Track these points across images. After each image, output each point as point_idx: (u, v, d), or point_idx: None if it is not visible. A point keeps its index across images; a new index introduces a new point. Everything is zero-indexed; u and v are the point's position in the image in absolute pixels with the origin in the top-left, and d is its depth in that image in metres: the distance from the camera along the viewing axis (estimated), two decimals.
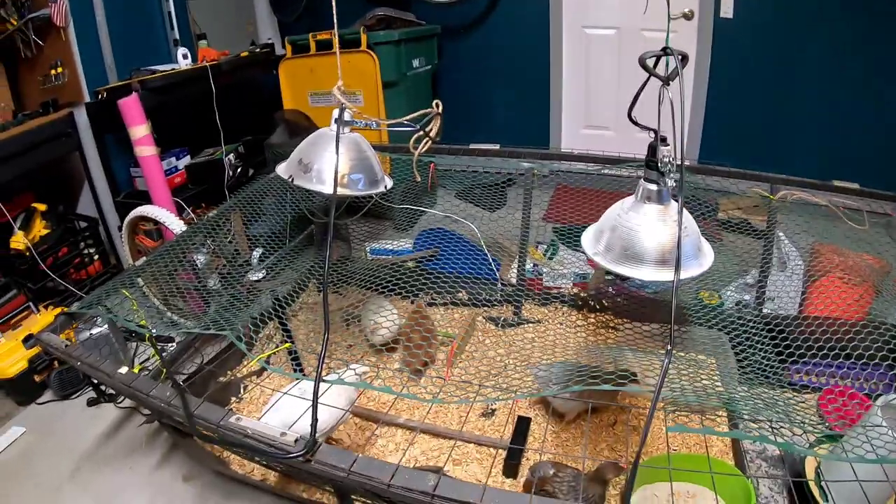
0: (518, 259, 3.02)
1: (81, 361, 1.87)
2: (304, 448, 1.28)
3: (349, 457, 1.27)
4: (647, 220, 1.36)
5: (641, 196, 1.40)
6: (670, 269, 1.32)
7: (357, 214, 2.45)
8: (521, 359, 2.48)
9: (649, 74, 1.32)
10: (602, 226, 1.46)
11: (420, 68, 4.58)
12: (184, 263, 2.55)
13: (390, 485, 1.17)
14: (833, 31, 4.19)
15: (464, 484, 1.16)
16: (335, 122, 1.78)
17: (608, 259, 1.40)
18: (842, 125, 4.40)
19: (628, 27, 4.65)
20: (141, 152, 3.48)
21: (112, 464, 2.62)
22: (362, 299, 2.79)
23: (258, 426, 1.36)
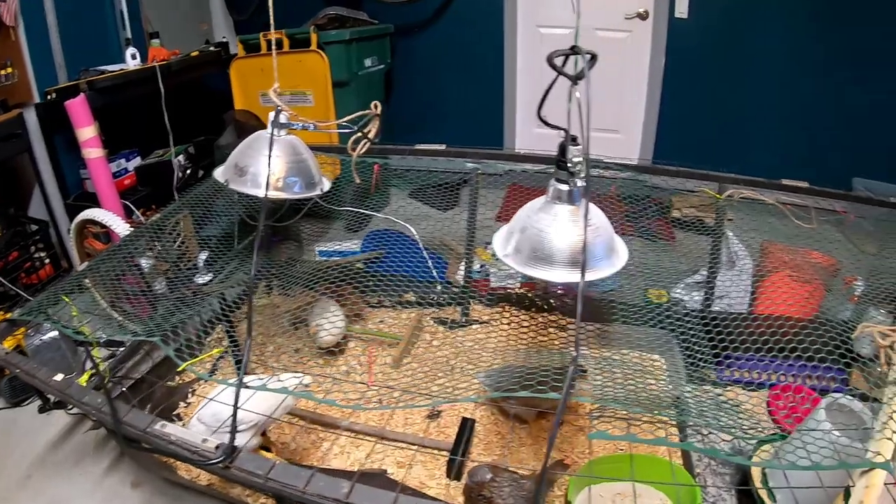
0: (465, 260, 3.03)
1: (20, 368, 1.85)
2: (221, 455, 1.28)
3: (266, 463, 1.27)
4: (557, 221, 1.34)
5: (552, 196, 1.38)
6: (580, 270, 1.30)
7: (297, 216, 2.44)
8: (469, 360, 2.49)
9: (557, 73, 1.31)
10: (512, 227, 1.45)
11: (372, 68, 4.57)
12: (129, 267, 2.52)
13: (305, 491, 1.17)
14: (785, 32, 4.27)
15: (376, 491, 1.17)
16: (271, 125, 1.78)
17: (518, 261, 1.38)
18: (795, 124, 4.48)
19: (583, 26, 4.59)
20: (88, 154, 3.45)
21: (62, 470, 2.60)
22: (311, 301, 2.78)
23: (182, 433, 1.35)
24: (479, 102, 5.26)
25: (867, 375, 2.21)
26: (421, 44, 5.18)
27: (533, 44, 4.94)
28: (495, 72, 5.10)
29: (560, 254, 1.32)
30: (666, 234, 3.33)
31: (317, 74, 4.05)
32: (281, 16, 4.20)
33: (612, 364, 2.20)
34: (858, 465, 1.35)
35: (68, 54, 3.94)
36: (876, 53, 4.11)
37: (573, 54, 1.29)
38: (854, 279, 2.82)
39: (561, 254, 1.32)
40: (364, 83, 4.44)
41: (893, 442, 1.37)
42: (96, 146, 3.45)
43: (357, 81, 4.33)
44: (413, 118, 5.30)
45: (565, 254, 1.31)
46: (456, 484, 2.23)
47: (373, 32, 4.56)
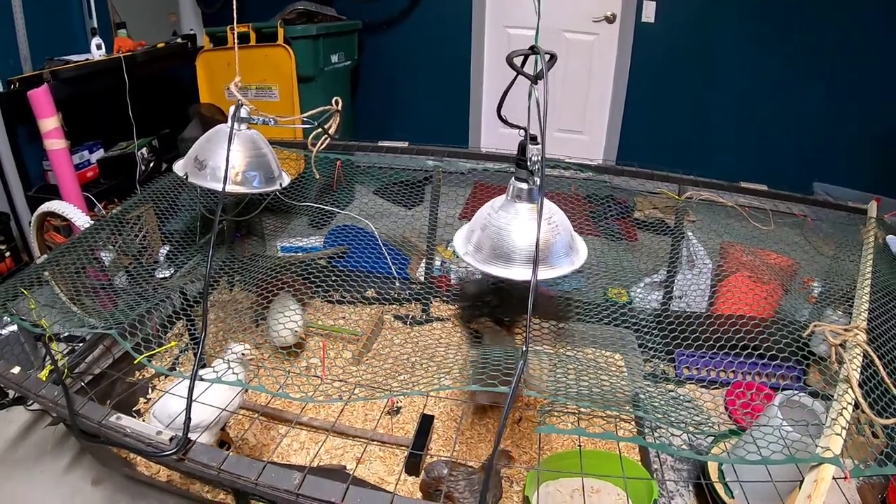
0: (426, 257, 3.04)
1: None
2: (175, 447, 1.29)
3: (219, 455, 1.27)
4: (517, 219, 1.36)
5: (512, 195, 1.39)
6: (543, 267, 1.32)
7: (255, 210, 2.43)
8: (429, 357, 2.50)
9: (517, 73, 1.33)
10: (473, 225, 1.45)
11: (339, 63, 4.57)
12: (90, 260, 2.50)
13: (257, 483, 1.18)
14: (748, 39, 4.34)
15: (327, 483, 1.18)
16: (231, 119, 1.78)
17: (478, 259, 1.39)
18: (757, 128, 4.55)
19: (550, 28, 4.70)
20: (50, 146, 3.41)
21: (22, 468, 2.58)
22: (270, 299, 2.77)
23: (137, 425, 1.35)
24: (445, 101, 5.29)
25: (822, 373, 2.27)
26: (388, 41, 5.19)
27: (500, 44, 4.97)
28: (462, 71, 5.13)
29: (519, 252, 1.33)
30: (628, 234, 3.37)
31: (282, 69, 4.04)
32: (250, 10, 4.19)
33: (567, 361, 2.22)
34: (807, 459, 1.39)
35: (33, 43, 3.89)
36: (836, 60, 4.20)
37: (532, 54, 1.32)
38: (812, 280, 2.88)
39: (520, 251, 1.33)
40: (330, 79, 4.43)
41: (842, 437, 1.41)
42: (58, 137, 3.41)
43: (323, 77, 4.32)
44: (379, 115, 5.31)
45: (525, 252, 1.32)
46: (414, 480, 2.25)
47: (340, 28, 4.56)
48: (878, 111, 4.23)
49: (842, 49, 4.16)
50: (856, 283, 2.27)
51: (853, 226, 2.72)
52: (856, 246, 2.57)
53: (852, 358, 1.73)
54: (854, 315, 2.02)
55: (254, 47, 4.04)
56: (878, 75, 4.15)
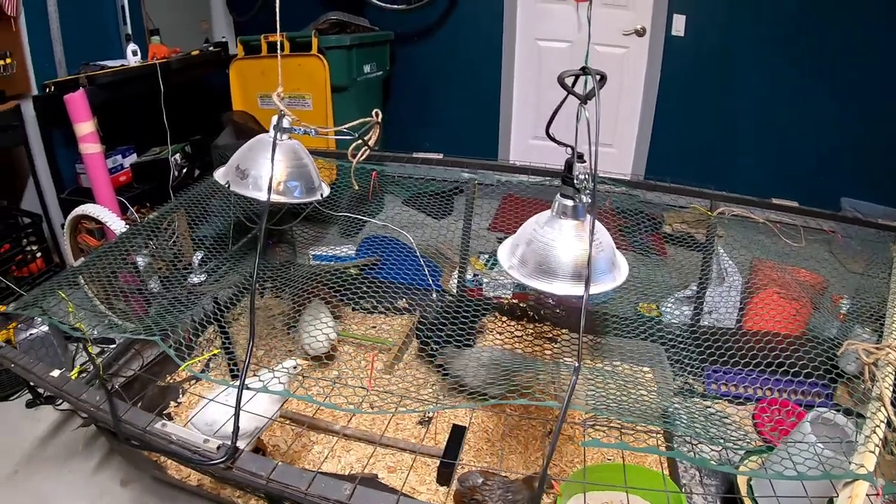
0: (458, 269, 3.04)
1: (14, 363, 1.84)
2: (224, 455, 1.30)
3: (268, 464, 1.28)
4: (562, 236, 1.37)
5: (557, 211, 1.41)
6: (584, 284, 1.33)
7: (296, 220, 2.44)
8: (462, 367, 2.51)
9: (567, 93, 1.34)
10: (518, 239, 1.47)
11: (371, 74, 4.59)
12: (124, 265, 2.52)
13: (307, 493, 1.19)
14: (778, 54, 4.31)
15: (377, 493, 1.19)
16: (273, 129, 1.79)
17: (522, 273, 1.41)
18: (785, 143, 4.52)
19: (581, 41, 4.71)
20: (85, 149, 3.43)
21: (50, 467, 2.59)
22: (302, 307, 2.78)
23: (182, 433, 1.36)
24: (475, 112, 5.30)
25: (852, 391, 2.24)
26: (420, 52, 5.21)
27: (531, 56, 4.98)
28: (492, 83, 5.14)
29: (564, 267, 1.35)
30: (658, 249, 3.36)
31: (316, 78, 4.06)
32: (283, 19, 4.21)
33: (604, 375, 2.22)
34: (843, 475, 1.38)
35: (68, 48, 3.93)
36: (864, 78, 4.17)
37: (583, 74, 1.32)
38: (841, 297, 2.86)
39: (565, 267, 1.35)
40: (363, 89, 4.46)
41: (876, 455, 1.41)
42: (94, 141, 3.43)
43: (356, 87, 4.34)
44: (409, 126, 5.33)
45: (569, 267, 1.34)
46: (446, 490, 2.24)
47: (373, 39, 4.58)
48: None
49: (870, 68, 4.13)
50: (886, 300, 2.25)
51: (882, 243, 2.70)
52: (885, 263, 2.55)
53: (885, 376, 1.72)
54: (885, 333, 2.01)
55: (288, 56, 4.07)
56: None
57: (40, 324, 2.85)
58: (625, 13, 4.60)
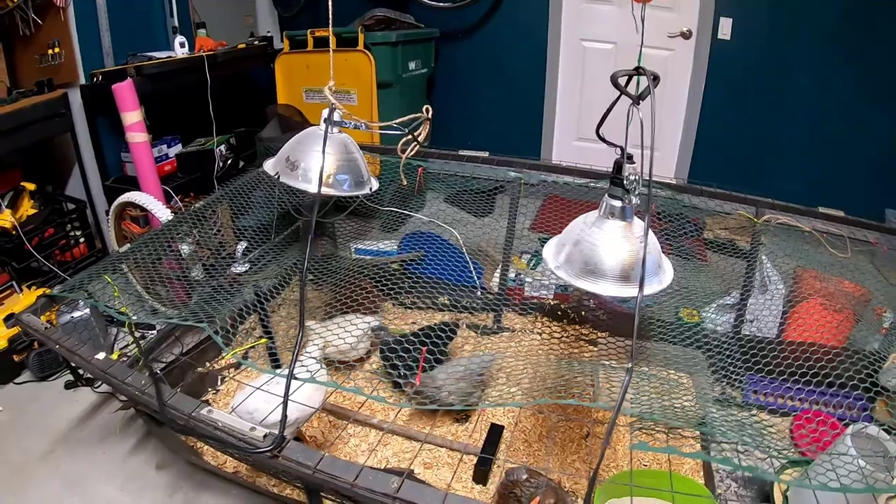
0: (501, 267, 3.03)
1: (60, 345, 1.86)
2: (271, 444, 1.30)
3: (315, 455, 1.28)
4: (609, 236, 1.38)
5: (605, 212, 1.41)
6: (630, 285, 1.34)
7: (343, 213, 2.44)
8: (499, 368, 2.50)
9: (620, 93, 1.33)
10: (564, 239, 1.48)
11: (416, 71, 4.59)
12: (168, 252, 2.54)
13: (354, 484, 1.18)
14: (824, 60, 4.25)
15: (426, 488, 1.18)
16: (324, 122, 1.79)
17: (568, 272, 1.41)
18: (829, 151, 4.45)
19: (626, 42, 4.68)
20: (132, 138, 3.47)
21: (85, 448, 2.62)
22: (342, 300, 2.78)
23: (228, 420, 1.36)
24: (518, 112, 5.28)
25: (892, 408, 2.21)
26: (464, 50, 5.21)
27: (576, 57, 4.95)
28: (536, 83, 5.11)
29: (611, 268, 1.35)
30: (699, 255, 3.32)
31: (362, 74, 4.08)
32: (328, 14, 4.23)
33: (648, 379, 2.20)
34: (887, 489, 1.37)
35: (116, 39, 3.99)
36: None
37: (637, 75, 1.32)
38: (884, 310, 2.81)
39: (611, 268, 1.35)
40: (408, 86, 4.46)
41: None
42: (140, 130, 3.47)
43: (401, 84, 4.34)
44: (451, 124, 5.31)
45: (616, 268, 1.35)
46: (482, 488, 2.23)
47: (418, 36, 4.58)
48: None
49: None
50: None
51: None
52: None
53: None
54: None
55: (334, 51, 4.06)
56: None
57: (82, 307, 2.89)
58: (671, 15, 4.56)
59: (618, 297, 1.35)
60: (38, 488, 2.44)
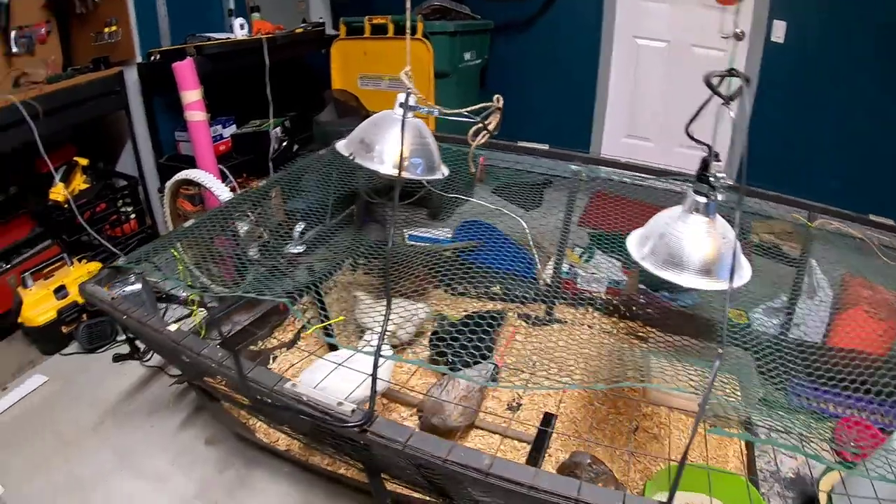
0: (555, 259, 3.03)
1: (128, 315, 1.87)
2: (361, 419, 1.31)
3: (404, 431, 1.30)
4: (693, 231, 1.43)
5: (689, 207, 1.46)
6: (711, 279, 1.40)
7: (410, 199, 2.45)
8: (550, 358, 2.49)
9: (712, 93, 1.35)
10: (649, 231, 1.53)
11: (471, 62, 4.60)
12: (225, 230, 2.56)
13: (447, 460, 1.20)
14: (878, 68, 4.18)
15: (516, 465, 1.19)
16: (400, 106, 1.80)
17: (652, 263, 1.47)
18: (881, 159, 4.39)
19: (679, 41, 4.65)
20: (191, 117, 3.50)
21: (134, 420, 2.65)
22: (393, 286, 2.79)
23: (314, 394, 1.37)
24: (569, 106, 5.25)
25: None
26: (517, 43, 5.18)
27: (629, 54, 4.92)
28: (588, 77, 5.08)
29: (694, 262, 1.41)
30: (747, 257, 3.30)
31: (420, 63, 4.08)
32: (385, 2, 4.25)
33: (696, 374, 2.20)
34: None
35: (172, 19, 4.03)
36: None
37: (730, 76, 1.38)
38: None
39: (695, 261, 1.41)
40: (463, 76, 4.46)
41: None
42: (200, 109, 3.50)
43: (457, 74, 4.35)
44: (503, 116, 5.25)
45: (697, 262, 1.40)
46: None
47: (474, 27, 4.58)
48: None
49: None
50: None
51: None
52: None
53: None
54: None
55: (391, 39, 4.12)
56: None
57: (133, 282, 2.90)
58: (724, 15, 4.49)
59: (688, 295, 1.39)
60: (88, 459, 2.47)
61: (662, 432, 2.48)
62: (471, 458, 1.20)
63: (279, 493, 2.29)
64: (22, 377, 2.93)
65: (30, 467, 2.43)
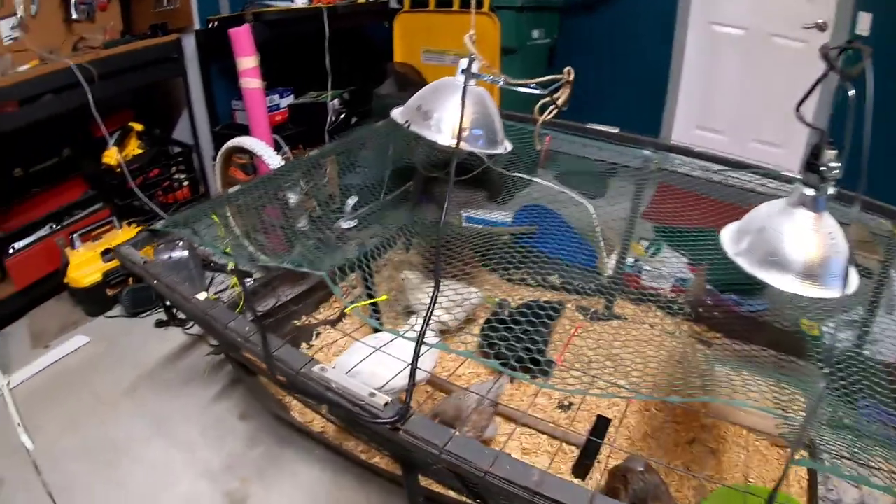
0: (619, 251, 2.86)
1: (159, 280, 1.80)
2: (395, 415, 1.16)
3: (444, 433, 1.14)
4: (798, 228, 1.25)
5: (795, 200, 1.28)
6: (813, 284, 1.23)
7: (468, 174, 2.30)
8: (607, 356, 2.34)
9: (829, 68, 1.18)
10: (747, 225, 1.37)
11: (539, 40, 4.45)
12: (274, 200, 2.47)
13: (488, 472, 1.04)
14: None
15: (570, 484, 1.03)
16: (462, 73, 1.66)
17: (750, 262, 1.30)
18: None
19: (758, 29, 4.41)
20: (247, 84, 3.44)
21: (171, 388, 2.65)
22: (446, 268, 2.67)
23: (344, 381, 1.22)
24: (639, 94, 5.03)
25: None
26: (587, 24, 4.98)
27: (704, 40, 4.68)
28: (660, 64, 4.85)
29: (796, 262, 1.24)
30: None
31: (487, 38, 3.95)
32: None
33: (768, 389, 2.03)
34: None
35: None
36: None
37: (849, 49, 1.25)
38: None
39: (797, 262, 1.24)
40: (530, 54, 4.33)
41: None
42: (255, 76, 3.44)
43: (524, 52, 4.22)
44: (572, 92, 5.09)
45: (801, 263, 1.24)
46: (579, 482, 2.09)
47: (543, 3, 4.42)
48: None
49: None
50: None
51: None
52: None
53: None
54: None
55: (457, 12, 4.01)
56: None
57: (181, 248, 2.92)
58: (806, 5, 4.24)
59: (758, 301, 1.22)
60: (121, 422, 2.48)
61: (721, 447, 2.31)
62: (517, 472, 1.04)
63: (309, 476, 2.23)
64: (65, 336, 2.99)
65: (63, 426, 2.46)
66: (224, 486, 2.19)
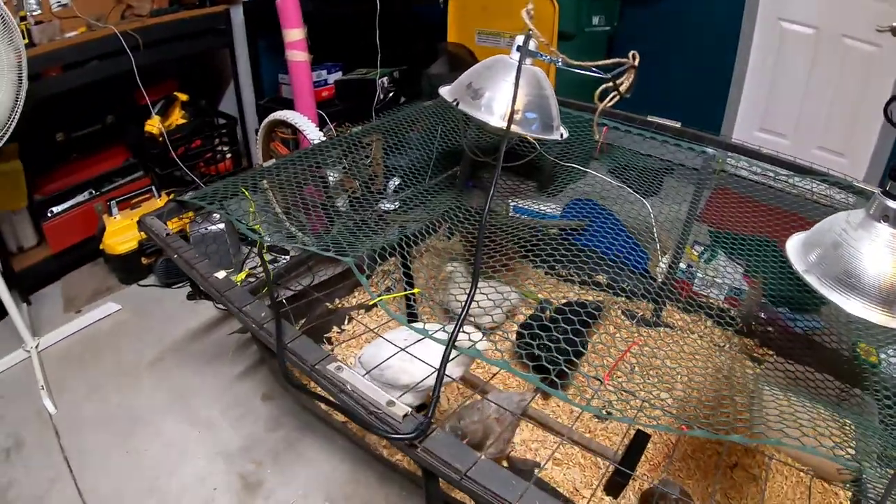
0: (672, 255, 2.71)
1: (178, 254, 1.71)
2: (413, 430, 1.03)
3: (469, 457, 1.00)
4: (878, 245, 1.09)
5: (876, 212, 1.10)
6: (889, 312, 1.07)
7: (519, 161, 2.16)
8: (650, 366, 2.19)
9: None
10: (818, 238, 1.19)
11: (598, 27, 4.29)
12: (314, 177, 2.37)
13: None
14: None
15: None
16: (517, 50, 1.53)
17: (820, 280, 1.13)
18: None
19: (829, 29, 4.16)
20: (292, 56, 3.34)
21: (196, 363, 2.64)
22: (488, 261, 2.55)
23: (361, 385, 1.09)
24: (700, 90, 4.82)
25: None
26: (650, 14, 4.81)
27: (771, 38, 4.46)
28: (724, 61, 4.65)
29: (872, 285, 1.07)
30: None
31: (544, 20, 3.81)
32: None
33: None
34: None
35: None
36: None
37: None
38: None
39: (872, 285, 1.07)
40: (588, 41, 4.17)
41: None
42: (302, 49, 3.34)
43: (582, 38, 4.06)
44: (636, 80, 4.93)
45: (876, 286, 1.06)
46: (612, 500, 1.97)
47: None
48: None
49: None
50: None
51: None
52: None
53: None
54: None
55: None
56: None
57: (218, 220, 2.90)
58: (881, 6, 3.96)
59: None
60: (143, 394, 2.49)
61: (763, 474, 2.16)
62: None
63: (327, 466, 2.19)
64: (97, 302, 3.02)
65: (86, 392, 2.48)
66: (239, 468, 2.16)
